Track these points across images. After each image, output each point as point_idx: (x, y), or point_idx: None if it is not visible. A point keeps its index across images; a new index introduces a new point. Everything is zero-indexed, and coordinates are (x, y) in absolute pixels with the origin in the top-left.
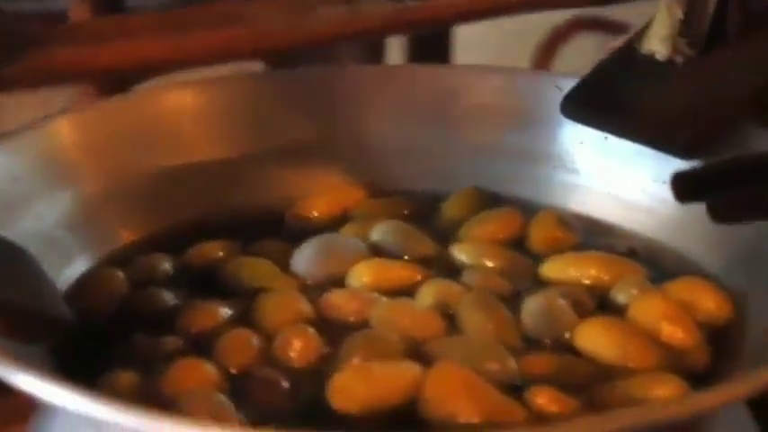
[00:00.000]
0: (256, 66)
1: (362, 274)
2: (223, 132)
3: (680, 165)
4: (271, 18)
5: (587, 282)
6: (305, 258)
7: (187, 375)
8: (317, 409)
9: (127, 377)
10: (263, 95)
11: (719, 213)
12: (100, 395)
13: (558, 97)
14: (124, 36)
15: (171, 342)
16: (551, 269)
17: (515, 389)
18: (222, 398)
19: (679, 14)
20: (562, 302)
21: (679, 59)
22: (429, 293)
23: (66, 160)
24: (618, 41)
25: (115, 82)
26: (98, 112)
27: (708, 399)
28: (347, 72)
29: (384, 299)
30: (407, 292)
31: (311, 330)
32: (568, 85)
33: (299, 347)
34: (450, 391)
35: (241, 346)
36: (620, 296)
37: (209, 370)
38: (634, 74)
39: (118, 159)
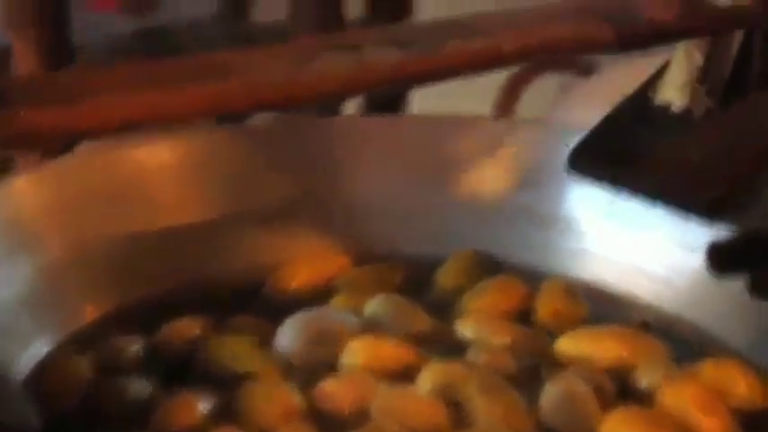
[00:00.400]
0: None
1: (356, 355)
2: (196, 193)
3: (699, 231)
4: (267, 68)
5: (606, 362)
6: (290, 337)
7: None
8: None
9: None
10: (240, 151)
11: (760, 290)
12: None
13: (564, 153)
14: (100, 92)
15: None
16: (566, 346)
17: None
18: None
19: (699, 60)
20: (585, 390)
21: (698, 110)
22: (430, 378)
23: (24, 226)
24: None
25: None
26: (59, 170)
27: None
28: (330, 124)
29: (383, 387)
30: (405, 374)
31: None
32: (573, 139)
33: None
34: None
35: None
36: (644, 380)
37: None
38: (648, 126)
39: (81, 223)
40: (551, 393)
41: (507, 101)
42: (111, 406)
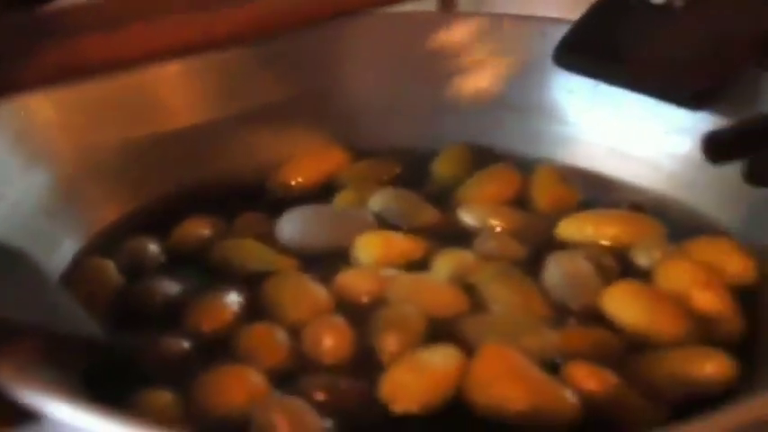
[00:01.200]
0: None
1: (369, 249)
2: (199, 96)
3: (684, 115)
4: None
5: (606, 242)
6: (297, 229)
7: (235, 387)
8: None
9: (163, 397)
10: (239, 55)
11: (757, 177)
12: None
13: (544, 44)
14: (145, 16)
15: (179, 344)
16: (567, 229)
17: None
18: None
19: None
20: (587, 266)
21: (678, 2)
22: (445, 265)
23: (39, 139)
24: None
25: None
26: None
27: None
28: (325, 24)
29: (402, 276)
30: (418, 264)
31: (341, 322)
32: (554, 30)
33: (331, 343)
34: (497, 375)
35: (270, 346)
36: (642, 258)
37: (255, 378)
38: (630, 19)
39: (92, 131)
40: (556, 271)
41: None
42: (142, 307)
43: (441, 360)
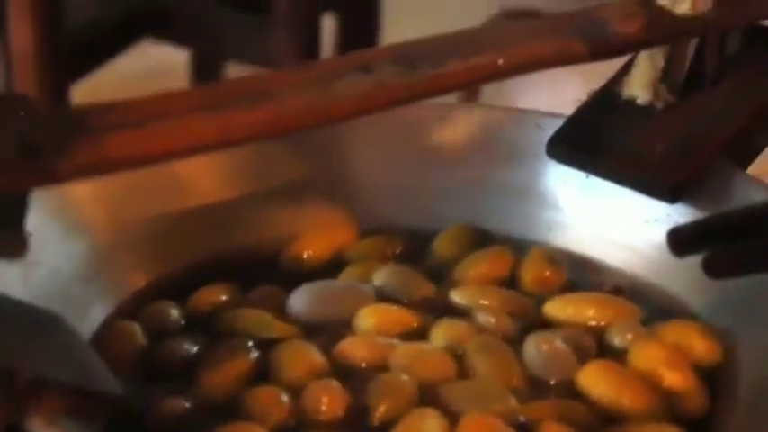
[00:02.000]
0: None
1: (369, 319)
2: (221, 176)
3: (661, 206)
4: (299, 93)
5: (585, 322)
6: (305, 302)
7: None
8: None
9: None
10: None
11: (714, 269)
12: None
13: (540, 135)
14: (168, 117)
15: (183, 403)
16: (552, 309)
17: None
18: None
19: (661, 62)
20: (564, 346)
21: (659, 104)
22: (442, 335)
23: (77, 212)
24: None
25: None
26: None
27: None
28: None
29: (398, 344)
30: (413, 335)
31: (336, 384)
32: (549, 123)
33: (327, 402)
34: None
35: (273, 405)
36: (616, 339)
37: None
38: (616, 117)
39: (123, 206)
40: (534, 349)
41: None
42: (164, 365)
43: (428, 427)
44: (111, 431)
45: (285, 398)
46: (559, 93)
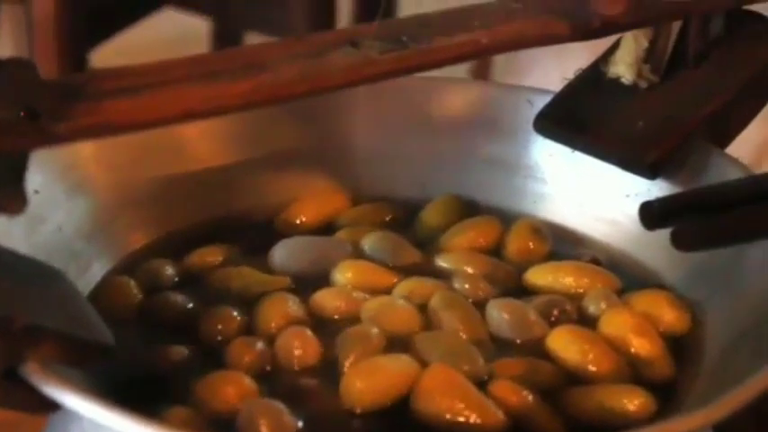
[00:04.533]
0: None
1: (346, 273)
2: (220, 142)
3: (642, 181)
4: (289, 65)
5: (563, 290)
6: (288, 255)
7: (230, 388)
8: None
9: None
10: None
11: (681, 241)
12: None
13: (529, 110)
14: (164, 85)
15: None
16: (532, 277)
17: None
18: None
19: (644, 43)
20: (527, 310)
21: (642, 84)
22: (404, 289)
23: (82, 172)
24: None
25: None
26: None
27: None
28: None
29: (369, 298)
30: (385, 292)
31: (308, 333)
32: (539, 99)
33: (299, 350)
34: (441, 389)
35: (249, 353)
36: (591, 307)
37: (247, 381)
38: (601, 95)
39: (126, 168)
40: (497, 311)
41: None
42: (161, 318)
43: (394, 364)
44: (106, 380)
45: (261, 345)
46: (568, 69)
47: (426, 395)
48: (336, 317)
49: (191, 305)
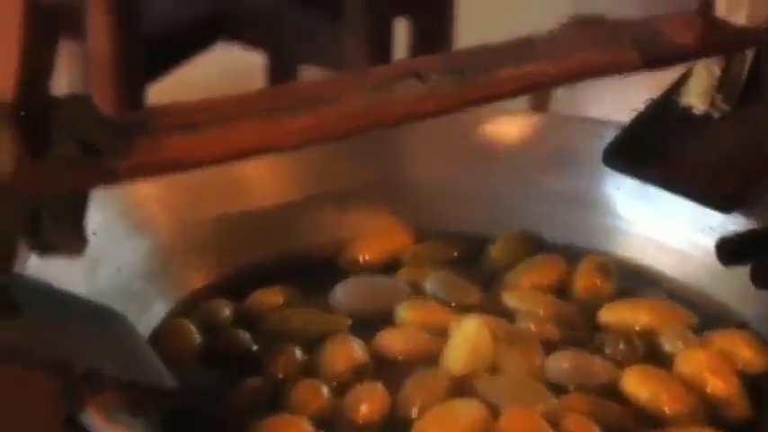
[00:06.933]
0: None
1: (407, 313)
2: (279, 178)
3: (716, 215)
4: (351, 99)
5: (638, 328)
6: (349, 294)
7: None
8: None
9: None
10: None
11: (762, 279)
12: None
13: (598, 143)
14: (223, 121)
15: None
16: (606, 315)
17: None
18: None
19: (717, 72)
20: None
21: (715, 114)
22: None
23: (141, 212)
24: None
25: None
26: None
27: None
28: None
29: (431, 338)
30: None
31: (381, 390)
32: (609, 132)
33: (366, 405)
34: None
35: (314, 398)
36: (666, 345)
37: (307, 427)
38: (672, 126)
39: (187, 210)
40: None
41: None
42: (221, 357)
43: (465, 410)
44: (169, 424)
45: (326, 392)
46: (628, 104)
47: None
48: (400, 358)
49: (252, 343)
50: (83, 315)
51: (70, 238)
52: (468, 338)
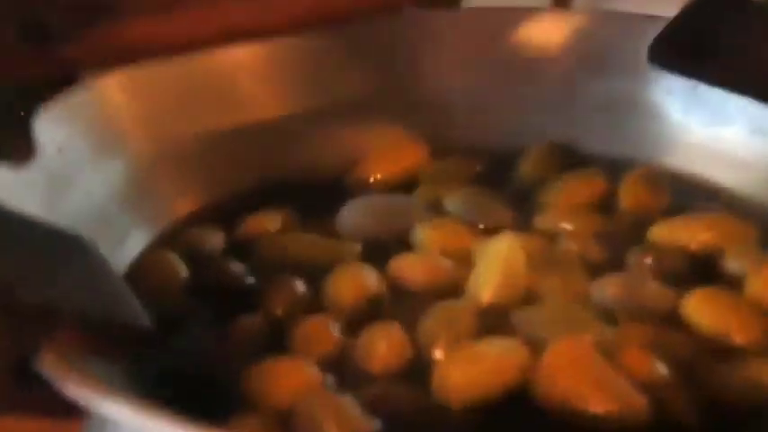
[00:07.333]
0: None
1: (429, 234)
2: (276, 90)
3: None
4: None
5: (697, 247)
6: (358, 217)
7: (291, 377)
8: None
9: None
10: (315, 49)
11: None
12: None
13: (642, 42)
14: (197, 3)
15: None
16: (659, 234)
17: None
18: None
19: None
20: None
21: None
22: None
23: (114, 126)
24: None
25: None
26: (147, 72)
27: None
28: (405, 20)
29: (455, 264)
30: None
31: (400, 335)
32: (652, 29)
33: (383, 353)
34: (572, 372)
35: (321, 337)
36: (731, 265)
37: (310, 370)
38: (729, 17)
39: (169, 123)
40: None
41: None
42: (209, 292)
43: (499, 348)
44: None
45: (334, 328)
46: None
47: (550, 379)
48: (419, 288)
49: (246, 275)
50: (37, 241)
51: (14, 144)
52: (498, 261)
